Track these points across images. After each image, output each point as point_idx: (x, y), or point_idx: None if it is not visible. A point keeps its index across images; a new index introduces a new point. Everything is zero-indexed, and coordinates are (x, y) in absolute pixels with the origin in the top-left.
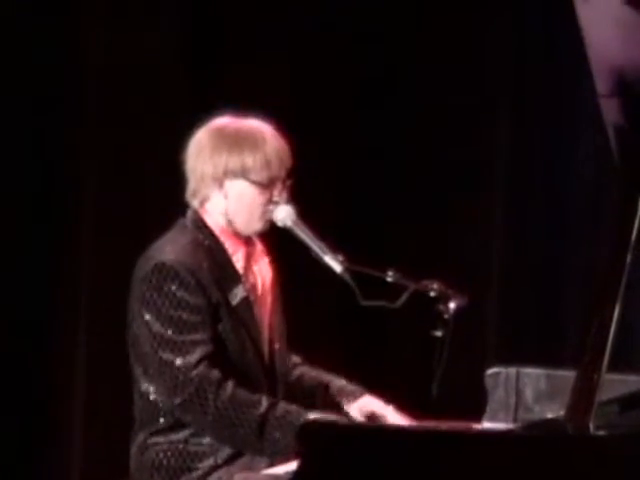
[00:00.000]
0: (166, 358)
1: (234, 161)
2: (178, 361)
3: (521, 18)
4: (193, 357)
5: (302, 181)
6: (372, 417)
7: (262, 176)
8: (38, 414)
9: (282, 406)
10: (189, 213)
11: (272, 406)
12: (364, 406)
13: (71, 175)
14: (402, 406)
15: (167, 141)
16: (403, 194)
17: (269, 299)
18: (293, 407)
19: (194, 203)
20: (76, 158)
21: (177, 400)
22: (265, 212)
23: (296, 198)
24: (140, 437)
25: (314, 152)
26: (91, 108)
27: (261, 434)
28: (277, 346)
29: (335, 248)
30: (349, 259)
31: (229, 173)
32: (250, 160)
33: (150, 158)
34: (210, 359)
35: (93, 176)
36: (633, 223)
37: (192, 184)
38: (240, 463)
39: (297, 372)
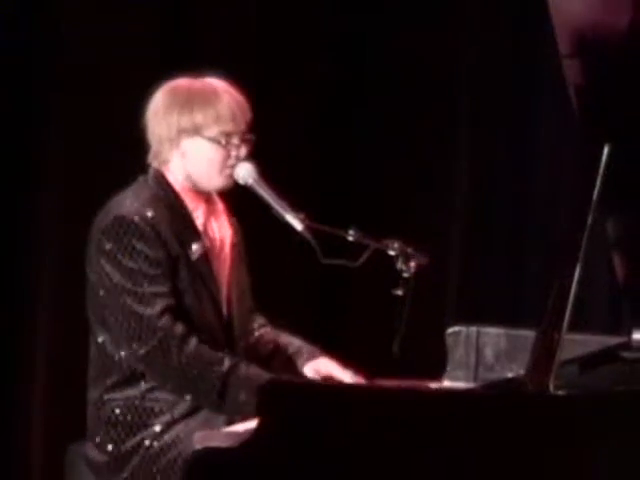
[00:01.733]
0: (129, 308)
1: (185, 119)
2: (141, 311)
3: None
4: (155, 309)
5: (271, 142)
6: (329, 379)
7: (215, 132)
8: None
9: (244, 367)
10: (150, 170)
11: (235, 366)
12: (321, 368)
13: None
14: (363, 364)
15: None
16: (368, 157)
17: (229, 257)
18: (255, 368)
19: (155, 165)
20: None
21: (140, 351)
22: (224, 167)
23: (259, 156)
24: (95, 393)
25: (284, 118)
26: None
27: (222, 392)
28: (236, 304)
29: (296, 207)
30: (310, 217)
31: (182, 132)
32: (200, 117)
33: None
34: (172, 312)
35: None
36: (594, 183)
37: (153, 147)
38: (198, 418)
39: (258, 333)
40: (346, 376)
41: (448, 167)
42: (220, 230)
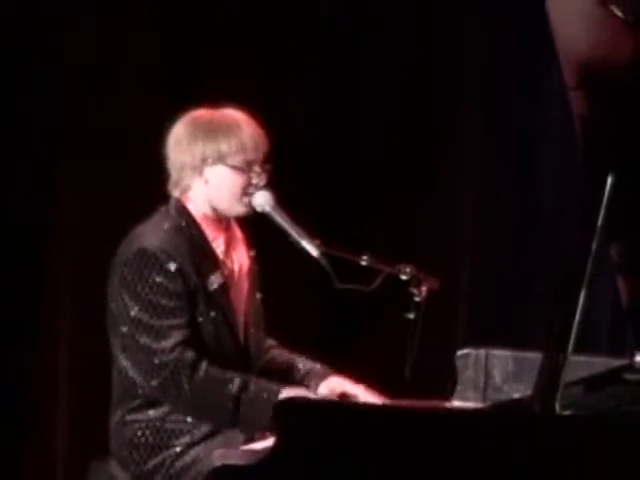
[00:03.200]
0: (143, 342)
1: (210, 148)
2: (154, 345)
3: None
4: (169, 342)
5: (283, 171)
6: (344, 396)
7: (238, 160)
8: (24, 393)
9: (254, 384)
10: (172, 200)
11: (244, 384)
12: (335, 386)
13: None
14: (376, 387)
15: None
16: (379, 184)
17: (246, 285)
18: (265, 384)
19: (175, 193)
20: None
21: (153, 382)
22: (245, 195)
23: (276, 185)
24: (118, 414)
25: (293, 145)
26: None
27: (235, 412)
28: (252, 330)
29: (312, 233)
30: (325, 244)
31: (207, 160)
32: (225, 145)
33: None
34: (186, 343)
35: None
36: (599, 211)
37: (173, 175)
38: (218, 440)
39: (270, 355)
40: (359, 391)
41: (456, 198)
42: (238, 259)
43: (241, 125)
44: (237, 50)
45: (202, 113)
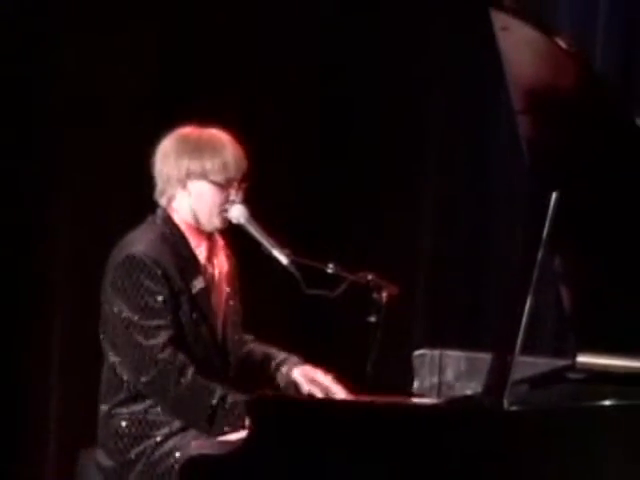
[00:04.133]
0: (134, 340)
1: (195, 164)
2: (144, 342)
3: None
4: (158, 340)
5: (258, 185)
6: (314, 382)
7: (220, 177)
8: (20, 387)
9: (231, 398)
10: (158, 211)
11: (223, 398)
12: (307, 372)
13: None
14: (341, 382)
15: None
16: (345, 202)
17: (225, 289)
18: (241, 398)
19: (162, 201)
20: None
21: (143, 379)
22: (223, 210)
23: (251, 200)
24: (105, 407)
25: (268, 163)
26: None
27: (210, 422)
28: (229, 330)
29: (282, 243)
30: (295, 253)
31: (191, 175)
32: (209, 163)
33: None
34: (174, 343)
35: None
36: (543, 225)
37: (159, 185)
38: (193, 431)
39: (247, 347)
40: (328, 380)
41: (413, 215)
42: (219, 264)
43: (225, 145)
44: (223, 70)
45: (190, 131)
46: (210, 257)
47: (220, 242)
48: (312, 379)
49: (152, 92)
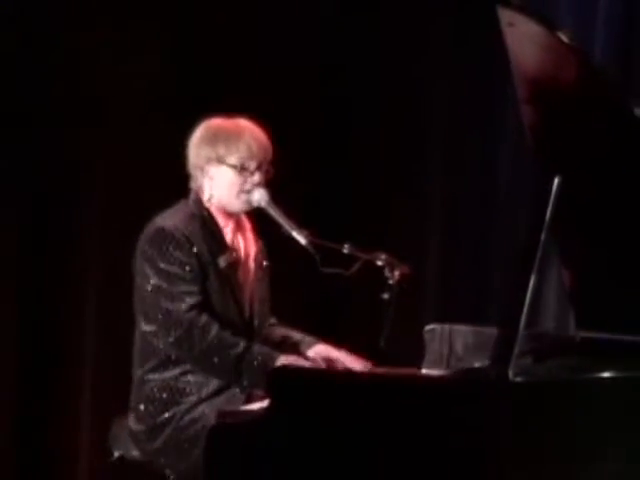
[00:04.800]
0: (162, 304)
1: (210, 150)
2: (171, 307)
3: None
4: (184, 305)
5: (282, 175)
6: (329, 359)
7: (234, 161)
8: (56, 356)
9: (256, 348)
10: (191, 194)
11: (248, 348)
12: (320, 351)
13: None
14: (356, 355)
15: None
16: (362, 188)
17: (252, 267)
18: (265, 349)
19: (193, 186)
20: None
21: (170, 339)
22: (241, 192)
23: (275, 187)
24: (138, 373)
25: (290, 156)
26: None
27: (237, 370)
28: (257, 306)
29: (301, 225)
30: (313, 234)
31: (210, 160)
32: (222, 149)
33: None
34: (199, 307)
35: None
36: (546, 209)
37: (191, 172)
38: (221, 398)
39: (269, 329)
40: (342, 355)
41: (425, 200)
42: (246, 245)
43: (242, 132)
44: (223, 71)
45: (214, 121)
46: (236, 237)
47: (247, 225)
48: (327, 357)
49: (160, 93)
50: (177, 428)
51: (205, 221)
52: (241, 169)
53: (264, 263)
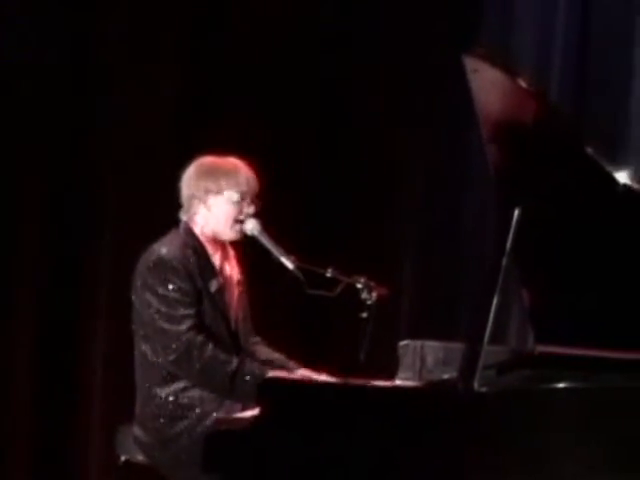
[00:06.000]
0: (162, 327)
1: (212, 184)
2: (171, 328)
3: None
4: (182, 327)
5: (269, 202)
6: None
7: (233, 195)
8: (69, 374)
9: (248, 365)
10: (181, 224)
11: (241, 363)
12: (302, 374)
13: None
14: (338, 368)
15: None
16: (343, 216)
17: (236, 291)
18: (256, 366)
19: (184, 218)
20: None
21: (170, 358)
22: (236, 223)
23: (263, 215)
24: (143, 389)
25: (278, 184)
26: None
27: (232, 384)
28: (241, 325)
29: (289, 251)
30: (299, 259)
31: (210, 192)
32: (224, 182)
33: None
34: (196, 328)
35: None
36: (507, 237)
37: (184, 204)
38: (221, 411)
39: (255, 349)
40: (322, 378)
41: (401, 228)
42: (231, 270)
43: (238, 168)
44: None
45: (208, 158)
46: (223, 263)
47: (231, 252)
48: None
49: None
50: (187, 442)
51: (197, 249)
52: (238, 201)
53: (243, 283)
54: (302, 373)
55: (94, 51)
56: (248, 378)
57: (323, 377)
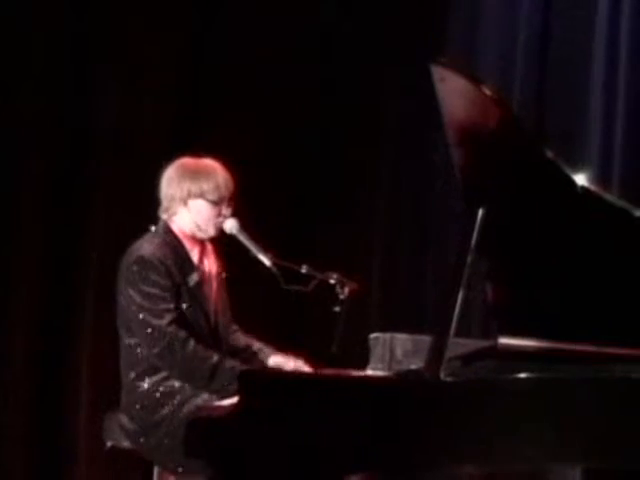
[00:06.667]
0: (146, 321)
1: (194, 186)
2: (154, 322)
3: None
4: (164, 320)
5: (248, 201)
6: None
7: (214, 196)
8: (59, 366)
9: (228, 361)
10: (160, 223)
11: (220, 360)
12: (279, 361)
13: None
14: (311, 359)
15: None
16: (317, 215)
17: (215, 284)
18: (235, 363)
19: (164, 217)
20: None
21: (154, 350)
22: (216, 222)
23: (242, 213)
24: (126, 380)
25: (255, 184)
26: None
27: (211, 378)
28: (220, 317)
29: (266, 248)
30: (275, 256)
31: (191, 194)
32: (205, 185)
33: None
34: (176, 322)
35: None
36: (471, 235)
37: (164, 204)
38: (199, 399)
39: (234, 336)
40: (298, 364)
41: (369, 229)
42: (210, 265)
43: (217, 171)
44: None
45: (188, 160)
46: (201, 259)
47: (209, 247)
48: (284, 366)
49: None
50: (169, 428)
51: (176, 247)
52: (217, 202)
53: (223, 276)
54: (278, 359)
55: (94, 51)
56: (228, 372)
57: (299, 363)
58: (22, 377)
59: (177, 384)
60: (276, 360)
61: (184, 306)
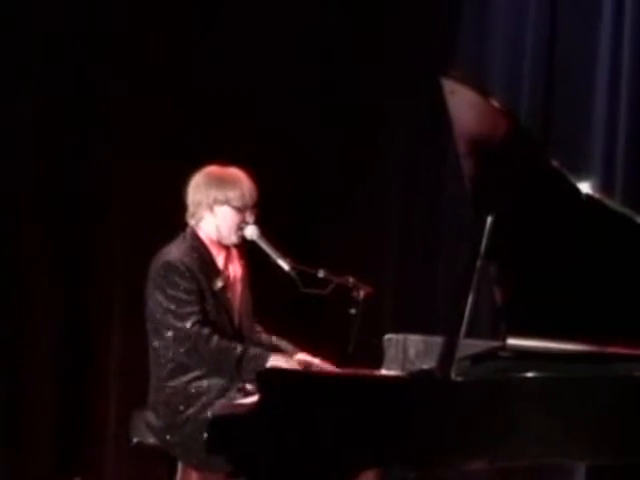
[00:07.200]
0: (172, 323)
1: (220, 193)
2: (179, 325)
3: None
4: (188, 322)
5: (265, 209)
6: (307, 364)
7: (238, 203)
8: (88, 364)
9: (251, 349)
10: (188, 229)
11: (245, 349)
12: (299, 358)
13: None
14: (328, 359)
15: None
16: (333, 222)
17: (239, 288)
18: (258, 350)
19: (191, 222)
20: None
21: (182, 349)
22: (239, 229)
23: (261, 220)
24: (154, 380)
25: (271, 189)
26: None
27: (238, 367)
28: (244, 319)
29: (285, 253)
30: (295, 261)
31: (217, 201)
32: (231, 193)
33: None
34: (200, 323)
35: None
36: (481, 241)
37: (191, 209)
38: (224, 399)
39: (257, 336)
40: (317, 361)
41: (382, 234)
42: (234, 269)
43: (242, 180)
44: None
45: (215, 168)
46: (226, 264)
47: (234, 252)
48: (304, 363)
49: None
50: (194, 427)
51: (201, 252)
52: (242, 209)
53: (246, 281)
54: (300, 358)
55: (94, 51)
56: (252, 361)
57: (317, 360)
58: (48, 374)
59: (205, 384)
60: (297, 357)
61: (209, 309)
